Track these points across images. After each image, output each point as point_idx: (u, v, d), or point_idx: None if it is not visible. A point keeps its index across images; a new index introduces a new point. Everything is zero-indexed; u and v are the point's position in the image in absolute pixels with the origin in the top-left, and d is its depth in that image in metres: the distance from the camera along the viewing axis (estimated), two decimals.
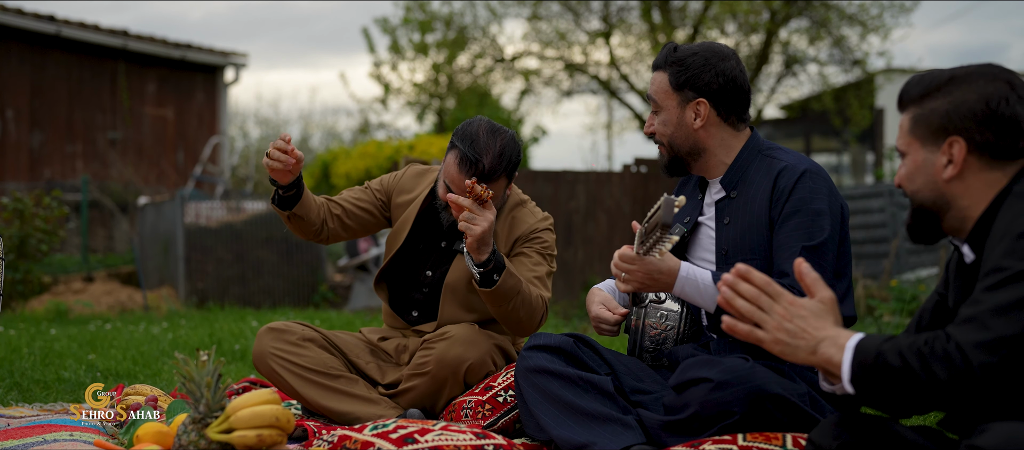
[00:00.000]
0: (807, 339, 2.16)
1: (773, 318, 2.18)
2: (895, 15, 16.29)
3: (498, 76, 18.49)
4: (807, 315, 2.17)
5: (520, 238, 3.77)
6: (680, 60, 3.20)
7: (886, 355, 2.07)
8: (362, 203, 3.95)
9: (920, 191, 2.32)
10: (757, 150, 3.23)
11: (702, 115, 3.20)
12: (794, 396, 2.93)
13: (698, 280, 3.01)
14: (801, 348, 2.16)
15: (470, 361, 3.57)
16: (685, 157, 3.27)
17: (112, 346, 6.61)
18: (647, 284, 2.98)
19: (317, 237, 3.90)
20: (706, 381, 2.88)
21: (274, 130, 28.05)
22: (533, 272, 3.71)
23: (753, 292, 2.19)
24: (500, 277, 3.45)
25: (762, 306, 2.18)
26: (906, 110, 2.35)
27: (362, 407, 3.60)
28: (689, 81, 3.18)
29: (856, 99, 16.77)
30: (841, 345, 2.13)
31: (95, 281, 12.05)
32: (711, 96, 3.19)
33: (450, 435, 2.96)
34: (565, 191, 10.14)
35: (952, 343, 2.01)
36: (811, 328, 2.16)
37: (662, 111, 3.25)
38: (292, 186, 3.70)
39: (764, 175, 3.16)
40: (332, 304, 11.98)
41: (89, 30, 16.17)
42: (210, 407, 2.71)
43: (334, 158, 17.45)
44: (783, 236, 3.07)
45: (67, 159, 16.31)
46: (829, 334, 2.15)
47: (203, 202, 12.44)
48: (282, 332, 3.73)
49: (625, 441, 2.96)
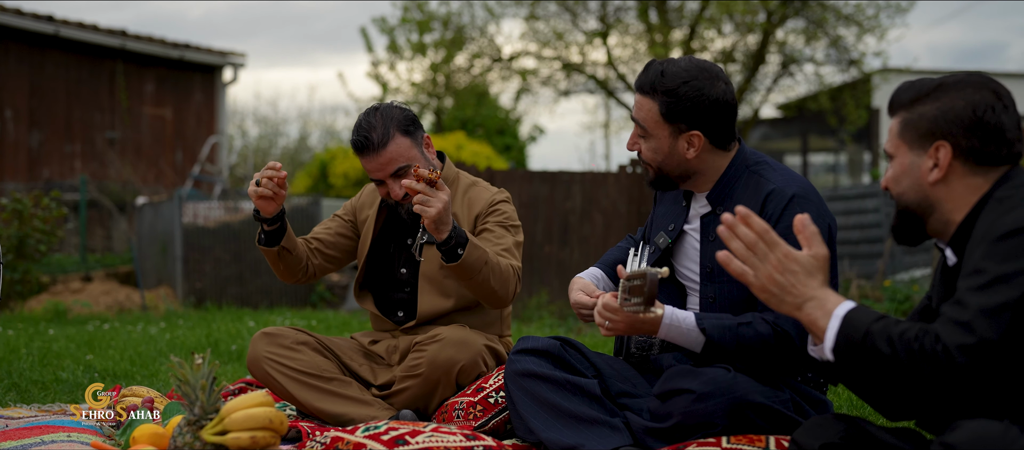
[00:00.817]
0: (795, 295, 2.22)
1: (766, 267, 2.23)
2: (891, 15, 16.35)
3: (495, 76, 18.54)
4: (799, 271, 2.21)
5: (480, 214, 3.86)
6: (672, 91, 3.09)
7: (875, 337, 2.12)
8: (336, 231, 4.08)
9: (906, 193, 2.38)
10: (745, 165, 3.19)
11: (697, 146, 3.14)
12: (777, 403, 2.96)
13: (682, 325, 2.98)
14: (787, 303, 2.23)
15: (462, 362, 3.62)
16: (674, 178, 3.22)
17: (110, 346, 6.65)
18: (631, 330, 2.97)
19: (305, 275, 4.01)
20: (688, 392, 2.91)
21: (273, 129, 28.06)
22: (499, 245, 3.77)
23: (751, 237, 2.24)
24: (465, 250, 3.50)
25: (757, 252, 2.23)
26: (896, 114, 2.41)
27: (356, 409, 3.65)
28: (682, 114, 3.09)
29: (852, 99, 16.83)
30: (828, 310, 2.19)
31: (93, 281, 12.09)
32: (706, 127, 3.13)
33: (440, 436, 3.01)
34: (561, 191, 10.18)
35: (940, 345, 2.05)
36: (801, 284, 2.21)
37: (651, 138, 3.15)
38: (276, 219, 3.77)
39: (752, 195, 3.12)
40: (329, 304, 12.03)
41: (87, 30, 16.20)
42: (205, 409, 2.76)
43: (332, 157, 17.48)
44: None
45: (65, 159, 16.35)
46: (817, 295, 2.21)
47: (201, 202, 12.48)
48: (276, 336, 3.79)
49: (612, 443, 3.00)
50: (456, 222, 3.58)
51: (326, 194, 16.71)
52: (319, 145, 27.31)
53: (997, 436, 2.00)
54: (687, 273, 3.26)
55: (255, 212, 3.77)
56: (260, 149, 26.27)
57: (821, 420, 2.50)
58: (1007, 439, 1.99)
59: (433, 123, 20.99)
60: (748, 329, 2.98)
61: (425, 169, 3.41)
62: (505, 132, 22.29)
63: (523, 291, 10.13)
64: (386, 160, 3.76)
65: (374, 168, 3.78)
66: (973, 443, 2.00)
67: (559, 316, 9.53)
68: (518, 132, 23.01)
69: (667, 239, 3.28)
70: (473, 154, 16.55)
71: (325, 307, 11.69)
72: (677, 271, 3.30)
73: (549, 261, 10.26)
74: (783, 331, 2.97)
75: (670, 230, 3.30)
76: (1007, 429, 2.02)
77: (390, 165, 3.77)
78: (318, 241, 4.05)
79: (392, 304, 4.00)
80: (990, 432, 2.01)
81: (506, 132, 22.31)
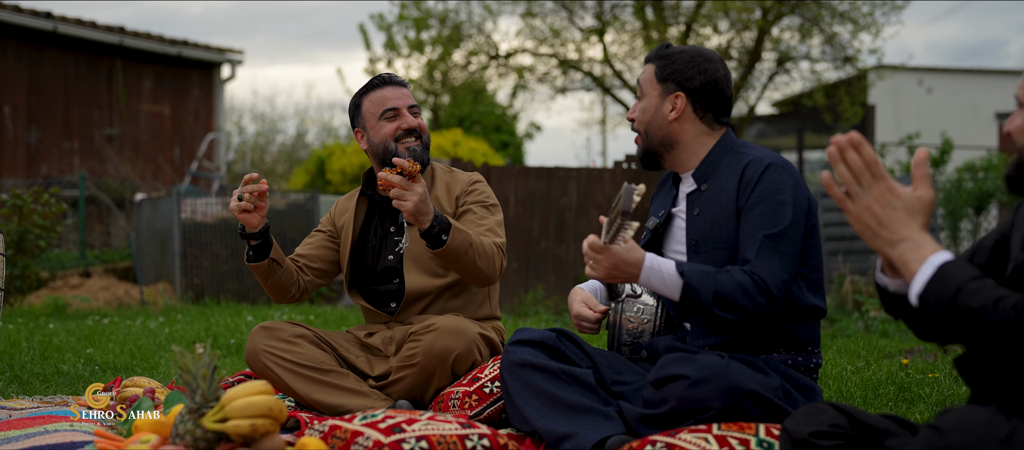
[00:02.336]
0: (891, 231, 2.12)
1: (867, 197, 2.14)
2: (886, 13, 16.39)
3: (493, 73, 18.57)
4: (900, 207, 2.12)
5: (461, 194, 4.00)
6: (668, 55, 3.33)
7: (967, 297, 2.02)
8: (320, 244, 4.19)
9: None
10: (729, 147, 3.31)
11: (678, 108, 3.29)
12: (768, 391, 3.01)
13: (663, 270, 3.07)
14: (882, 237, 2.14)
15: (457, 351, 3.68)
16: (657, 148, 3.35)
17: (110, 340, 6.70)
18: (613, 273, 3.04)
19: (297, 289, 4.10)
20: (683, 378, 2.96)
21: (270, 125, 28.08)
22: (483, 225, 3.91)
23: (859, 164, 2.14)
24: (449, 236, 3.63)
25: (862, 181, 2.14)
26: None
27: (353, 399, 3.70)
28: (672, 74, 3.30)
29: (848, 96, 16.87)
30: (923, 256, 2.09)
31: (92, 276, 12.13)
32: (690, 92, 3.29)
33: (436, 425, 3.07)
34: (557, 188, 10.22)
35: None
36: (899, 222, 2.12)
37: (644, 99, 3.37)
38: (261, 234, 3.87)
39: (733, 168, 3.24)
40: (326, 299, 12.06)
41: (86, 27, 16.23)
42: (206, 398, 2.81)
43: (330, 154, 17.52)
44: (747, 225, 3.14)
45: (64, 155, 16.38)
46: (914, 236, 2.11)
47: (199, 198, 12.50)
48: (274, 330, 3.85)
49: (606, 431, 3.05)
50: (437, 209, 3.68)
51: (324, 190, 16.76)
52: (317, 142, 27.33)
53: (983, 421, 2.03)
54: (676, 256, 3.34)
55: (240, 229, 3.87)
56: (258, 146, 26.29)
57: (811, 408, 2.51)
58: (993, 424, 2.02)
59: (430, 120, 21.02)
60: (726, 276, 3.06)
61: (405, 161, 3.51)
62: (502, 129, 22.33)
63: (519, 287, 10.18)
64: (404, 92, 4.03)
65: (397, 95, 4.00)
66: (959, 426, 2.02)
67: (555, 311, 9.58)
68: (515, 129, 23.06)
69: (656, 220, 3.40)
70: (470, 151, 16.59)
71: (322, 302, 11.73)
72: (667, 256, 3.38)
73: (545, 257, 10.31)
74: (761, 280, 3.04)
75: (661, 215, 3.40)
76: (994, 414, 2.05)
77: (409, 98, 4.03)
78: (304, 257, 4.15)
79: (383, 297, 4.06)
80: (977, 417, 2.04)
81: (503, 129, 22.36)
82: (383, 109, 3.99)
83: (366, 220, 4.15)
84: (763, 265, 3.07)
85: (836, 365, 5.25)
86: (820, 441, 2.41)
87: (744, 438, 2.86)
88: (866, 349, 6.09)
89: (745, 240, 3.14)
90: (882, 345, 6.35)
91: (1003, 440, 2.00)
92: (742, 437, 2.86)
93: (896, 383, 4.65)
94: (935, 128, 18.06)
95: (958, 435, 2.01)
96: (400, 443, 2.95)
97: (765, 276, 3.05)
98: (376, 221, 4.11)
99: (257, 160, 24.12)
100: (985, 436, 2.00)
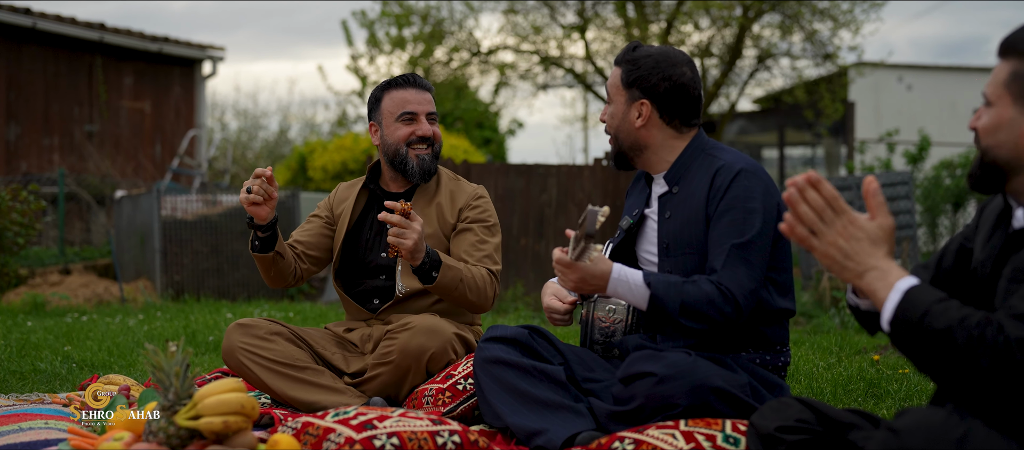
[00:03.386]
0: (857, 262, 2.15)
1: (831, 233, 2.16)
2: (866, 10, 16.45)
3: (474, 69, 18.56)
4: (863, 238, 2.15)
5: (463, 207, 4.04)
6: (634, 60, 3.31)
7: (932, 319, 2.05)
8: (317, 231, 4.21)
9: (997, 147, 2.22)
10: (700, 150, 3.32)
11: (644, 116, 3.30)
12: (735, 388, 3.04)
13: (630, 281, 3.09)
14: (849, 269, 2.16)
15: (432, 350, 3.71)
16: (628, 152, 3.38)
17: (88, 338, 6.69)
18: (581, 286, 3.07)
19: (294, 278, 4.13)
20: (651, 376, 3.00)
21: (252, 122, 28.00)
22: (481, 251, 3.95)
23: (820, 202, 2.16)
24: (439, 273, 3.67)
25: (824, 218, 2.16)
26: (1008, 58, 2.21)
27: (328, 397, 3.73)
28: (637, 81, 3.30)
29: (828, 92, 16.93)
30: (890, 283, 2.12)
31: (72, 274, 12.10)
32: (655, 99, 3.29)
33: (408, 421, 3.10)
34: (537, 185, 10.25)
35: (1002, 336, 1.99)
36: (864, 253, 2.15)
37: (612, 103, 3.37)
38: (270, 226, 3.89)
39: (704, 172, 3.25)
40: (307, 296, 12.06)
41: (66, 23, 16.16)
42: (179, 395, 2.83)
43: (311, 151, 17.51)
44: (716, 233, 3.16)
45: (44, 152, 16.32)
46: (880, 265, 2.14)
47: (180, 195, 12.48)
48: (249, 327, 3.87)
49: (576, 428, 3.09)
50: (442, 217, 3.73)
51: (305, 187, 16.74)
52: (299, 138, 27.26)
53: (939, 423, 2.05)
54: (647, 256, 3.37)
55: (248, 219, 3.88)
56: (240, 142, 26.21)
57: (777, 403, 2.55)
58: (948, 425, 2.04)
59: None
60: (693, 287, 3.08)
61: (397, 204, 3.55)
62: (484, 125, 22.35)
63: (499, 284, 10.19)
64: (426, 98, 4.07)
65: (417, 100, 4.06)
66: (916, 428, 2.05)
67: (534, 308, 9.60)
68: (497, 125, 23.07)
69: (630, 220, 3.41)
70: (451, 147, 16.62)
71: (302, 299, 11.73)
72: (639, 256, 3.41)
73: (525, 254, 10.33)
74: (728, 291, 3.07)
75: (634, 214, 3.42)
76: (949, 416, 2.07)
77: (430, 105, 4.07)
78: (301, 244, 4.17)
79: (368, 292, 4.09)
80: (933, 419, 2.06)
81: (485, 125, 22.37)
82: (402, 111, 4.04)
83: (364, 212, 4.17)
84: (730, 275, 3.09)
85: (808, 361, 5.30)
86: (786, 436, 2.45)
87: (711, 434, 2.90)
88: (839, 345, 6.14)
89: (714, 248, 3.16)
90: (857, 341, 6.40)
91: (958, 441, 2.02)
92: (709, 433, 2.90)
93: (866, 379, 4.70)
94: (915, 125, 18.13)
95: (914, 436, 2.04)
96: (371, 440, 2.98)
97: (732, 286, 3.08)
98: (374, 215, 4.13)
99: (239, 157, 24.06)
100: (940, 438, 2.03)
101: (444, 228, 4.02)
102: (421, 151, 4.02)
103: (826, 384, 4.60)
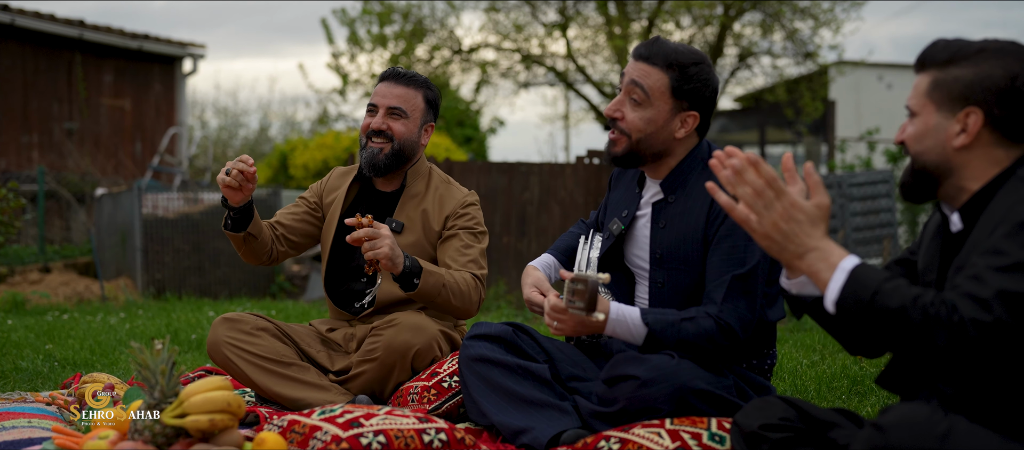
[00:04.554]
0: (797, 244, 2.20)
1: (771, 215, 2.21)
2: (846, 9, 16.53)
3: (456, 68, 18.56)
4: (804, 220, 2.19)
5: (450, 215, 3.97)
6: (684, 66, 3.15)
7: (885, 298, 2.09)
8: (301, 217, 4.16)
9: (925, 154, 2.33)
10: (701, 158, 3.23)
11: (689, 126, 3.19)
12: (720, 389, 3.04)
13: (627, 321, 3.04)
14: (789, 251, 2.21)
15: (417, 347, 3.70)
16: (646, 155, 3.22)
17: (69, 336, 6.66)
18: (579, 331, 3.03)
19: (269, 258, 4.09)
20: (633, 379, 2.99)
21: (233, 120, 27.93)
22: (466, 256, 3.89)
23: (759, 183, 2.21)
24: (420, 279, 3.62)
25: (763, 198, 2.21)
26: (926, 71, 2.34)
27: (313, 393, 3.71)
28: (690, 92, 3.16)
29: (809, 91, 17.01)
30: (832, 263, 2.17)
31: (52, 272, 12.03)
32: (703, 110, 3.21)
33: (394, 419, 3.09)
34: (519, 183, 10.25)
35: (957, 315, 2.04)
36: (804, 233, 2.19)
37: (650, 108, 3.17)
38: (240, 210, 3.85)
39: (702, 187, 3.18)
40: (289, 294, 12.04)
41: (45, 20, 16.07)
42: (165, 393, 2.82)
43: (292, 149, 17.47)
44: (715, 260, 3.09)
45: (23, 149, 16.23)
46: (819, 246, 2.19)
47: (161, 193, 12.43)
48: (236, 322, 3.85)
49: (561, 426, 3.09)
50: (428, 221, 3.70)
51: (286, 185, 16.70)
52: (280, 136, 27.21)
53: (923, 419, 2.07)
54: (637, 260, 3.32)
55: (222, 199, 3.85)
56: (220, 140, 26.14)
57: (761, 402, 2.57)
58: (932, 422, 2.06)
59: None
60: (690, 324, 3.04)
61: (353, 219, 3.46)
62: (465, 124, 22.31)
63: None
64: (395, 92, 3.99)
65: (383, 93, 4.00)
66: (900, 424, 2.06)
67: (517, 306, 9.61)
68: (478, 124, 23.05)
69: (621, 226, 3.33)
70: (432, 145, 16.60)
71: (285, 297, 11.71)
72: (627, 258, 3.36)
73: (507, 252, 10.33)
74: (726, 324, 3.03)
75: (623, 216, 3.34)
76: (933, 412, 2.09)
77: (393, 99, 3.98)
78: (283, 226, 4.11)
79: (351, 294, 4.07)
80: (917, 415, 2.08)
81: (466, 124, 22.34)
82: (369, 103, 4.03)
83: (353, 207, 4.12)
84: (731, 309, 3.05)
85: (792, 359, 5.31)
86: (769, 433, 2.47)
87: (696, 432, 2.90)
88: (823, 343, 6.16)
89: (712, 276, 3.10)
90: None
91: (942, 436, 2.05)
92: (694, 431, 2.91)
93: (850, 377, 4.71)
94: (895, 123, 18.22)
95: (899, 433, 2.06)
96: (358, 438, 2.97)
97: (731, 321, 3.04)
98: (363, 211, 4.07)
99: (220, 154, 23.99)
100: (924, 433, 2.05)
101: (429, 236, 3.96)
102: (375, 144, 3.98)
103: (810, 382, 4.61)
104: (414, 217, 3.98)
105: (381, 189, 4.10)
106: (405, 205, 4.02)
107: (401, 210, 4.01)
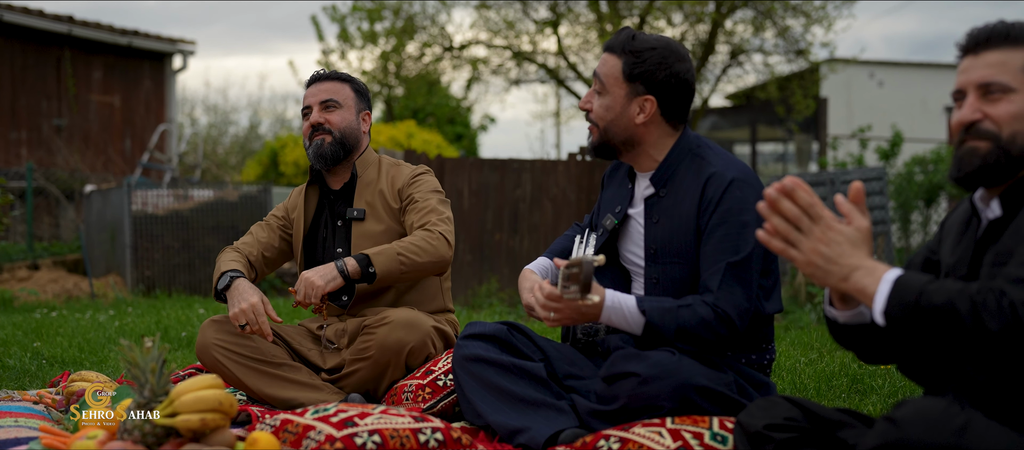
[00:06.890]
0: (841, 266, 2.16)
1: (810, 241, 2.17)
2: (838, 7, 16.53)
3: (446, 64, 18.53)
4: (843, 242, 2.16)
5: (403, 186, 4.00)
6: (637, 51, 3.14)
7: (931, 296, 2.07)
8: (271, 238, 4.18)
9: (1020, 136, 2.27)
10: (688, 149, 3.20)
11: (647, 112, 3.16)
12: (721, 386, 3.01)
13: (623, 309, 3.00)
14: (833, 273, 2.17)
15: (411, 344, 3.66)
16: (618, 145, 3.22)
17: (58, 334, 6.61)
18: (574, 319, 2.99)
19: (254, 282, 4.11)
20: (634, 376, 2.95)
21: (223, 117, 27.85)
22: (424, 208, 3.92)
23: (795, 212, 2.18)
24: (375, 265, 3.70)
25: (801, 227, 2.17)
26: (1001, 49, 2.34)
27: (305, 393, 3.67)
28: (643, 75, 3.14)
29: (800, 88, 17.01)
30: (877, 276, 2.14)
31: (41, 269, 11.96)
32: (661, 95, 3.16)
33: (389, 418, 3.04)
34: (511, 179, 10.21)
35: (1006, 300, 2.02)
36: (847, 255, 2.16)
37: (607, 95, 3.18)
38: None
39: (693, 178, 3.14)
40: (279, 292, 11.99)
41: (33, 16, 15.99)
42: (155, 392, 2.76)
43: (282, 146, 17.41)
44: (709, 249, 3.06)
45: (11, 146, 16.15)
46: (863, 264, 2.16)
47: (150, 190, 12.35)
48: (224, 323, 3.81)
49: (558, 425, 3.05)
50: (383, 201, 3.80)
51: (277, 182, 16.65)
52: (270, 133, 27.16)
53: (938, 413, 2.04)
54: (631, 257, 3.28)
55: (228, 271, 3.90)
56: (210, 137, 26.08)
57: (765, 402, 2.54)
58: (948, 415, 2.03)
59: (384, 112, 20.93)
60: (688, 312, 3.00)
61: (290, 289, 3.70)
62: (456, 121, 22.30)
63: (473, 279, 10.16)
64: (323, 88, 4.06)
65: (310, 93, 4.08)
66: (915, 418, 2.03)
67: (509, 303, 9.57)
68: (469, 121, 23.03)
69: (614, 220, 3.29)
70: (423, 143, 16.56)
71: (275, 295, 11.65)
72: (622, 255, 3.32)
73: (499, 249, 10.29)
74: (723, 312, 3.00)
75: (616, 212, 3.31)
76: (949, 406, 2.06)
77: (323, 94, 4.05)
78: (258, 252, 4.15)
79: (332, 297, 4.03)
80: (932, 409, 2.05)
81: (457, 121, 22.32)
82: (302, 109, 4.08)
83: (317, 212, 4.12)
84: (726, 296, 3.01)
85: (789, 357, 5.28)
86: (774, 434, 2.43)
87: (698, 432, 2.86)
88: (819, 341, 6.13)
89: (707, 264, 3.07)
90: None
91: (958, 431, 2.01)
92: (696, 431, 2.87)
93: (849, 375, 4.68)
94: (886, 121, 18.23)
95: (914, 427, 2.02)
96: (352, 437, 2.92)
97: (728, 308, 3.00)
98: (326, 213, 4.09)
99: (210, 152, 23.92)
100: (941, 428, 2.02)
101: (392, 216, 3.99)
102: (316, 139, 4.02)
103: (809, 380, 4.57)
104: (373, 202, 3.99)
105: (335, 186, 4.09)
106: (362, 193, 4.03)
107: (359, 198, 4.04)
